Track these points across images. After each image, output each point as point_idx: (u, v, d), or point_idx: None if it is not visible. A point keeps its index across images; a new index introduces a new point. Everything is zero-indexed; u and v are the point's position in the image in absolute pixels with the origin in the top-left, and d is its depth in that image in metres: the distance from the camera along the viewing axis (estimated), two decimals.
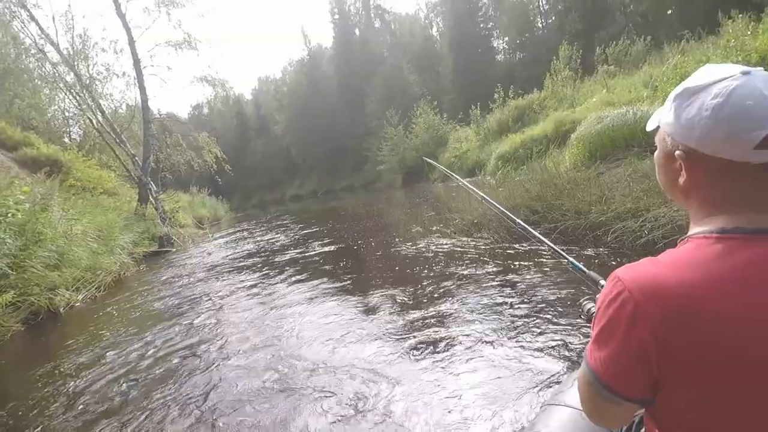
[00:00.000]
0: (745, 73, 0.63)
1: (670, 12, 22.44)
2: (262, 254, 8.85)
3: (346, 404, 2.43)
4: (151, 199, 16.55)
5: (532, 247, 4.53)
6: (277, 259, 7.90)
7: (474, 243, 5.57)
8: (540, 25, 36.50)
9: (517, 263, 4.40)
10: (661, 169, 0.77)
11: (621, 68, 15.81)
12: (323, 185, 45.48)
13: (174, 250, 11.81)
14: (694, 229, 0.70)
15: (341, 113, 46.36)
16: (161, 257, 10.62)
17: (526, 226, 1.66)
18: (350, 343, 3.28)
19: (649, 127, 0.79)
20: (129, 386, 3.25)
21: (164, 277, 7.87)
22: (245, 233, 14.78)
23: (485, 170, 16.17)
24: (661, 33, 18.44)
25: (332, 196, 35.67)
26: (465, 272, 4.50)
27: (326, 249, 7.95)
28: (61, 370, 3.78)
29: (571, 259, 1.33)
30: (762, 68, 0.66)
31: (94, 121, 17.06)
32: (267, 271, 6.99)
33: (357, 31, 48.31)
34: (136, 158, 16.98)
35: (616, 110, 8.71)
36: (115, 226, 8.32)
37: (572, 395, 1.10)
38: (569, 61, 19.12)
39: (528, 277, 4.00)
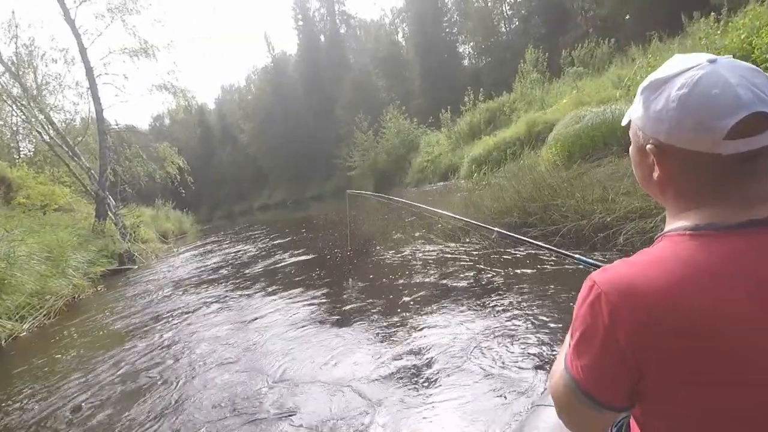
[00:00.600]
0: (711, 62, 0.61)
1: (627, 17, 23.08)
2: (230, 267, 8.29)
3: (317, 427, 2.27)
4: (110, 214, 15.60)
5: (530, 251, 4.25)
6: (245, 272, 7.40)
7: (464, 249, 5.24)
8: (504, 30, 37.02)
9: (511, 270, 4.11)
10: (636, 165, 0.75)
11: (588, 70, 16.01)
12: (292, 194, 44.62)
13: (136, 267, 11.03)
14: (669, 226, 0.69)
15: (309, 120, 45.71)
16: (122, 275, 9.86)
17: (507, 232, 1.71)
18: (323, 359, 3.10)
19: (623, 123, 0.77)
20: (75, 416, 2.98)
21: (123, 297, 7.21)
22: (212, 246, 14.06)
23: (458, 174, 16.03)
24: (621, 36, 18.86)
25: (302, 204, 34.96)
26: (454, 282, 4.18)
27: (298, 260, 7.49)
28: None
29: (578, 256, 1.30)
30: (730, 56, 0.64)
31: (44, 135, 15.99)
32: (234, 286, 6.53)
33: (322, 37, 47.90)
34: (92, 172, 15.98)
35: (593, 109, 8.63)
36: (66, 245, 7.57)
37: None
38: (536, 64, 19.29)
39: (523, 282, 3.77)
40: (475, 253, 5.04)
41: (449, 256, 5.16)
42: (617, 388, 0.63)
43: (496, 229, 1.78)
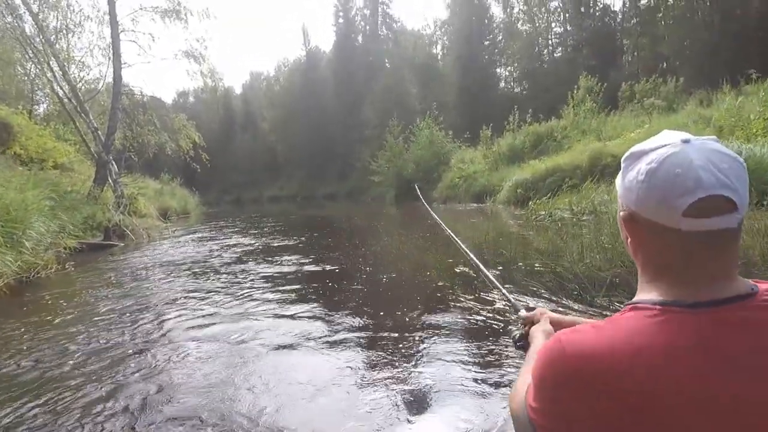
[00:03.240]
0: (685, 141, 0.64)
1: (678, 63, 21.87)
2: (227, 263, 6.78)
3: None
4: (110, 181, 14.23)
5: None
6: (241, 270, 5.94)
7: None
8: (545, 57, 35.72)
9: None
10: (620, 230, 0.77)
11: (664, 103, 14.41)
12: (304, 190, 43.29)
13: (122, 244, 9.54)
14: (639, 295, 0.71)
15: (334, 118, 44.59)
16: (103, 253, 8.37)
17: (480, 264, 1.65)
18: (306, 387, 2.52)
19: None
20: None
21: (89, 282, 5.70)
22: (214, 232, 12.58)
23: (496, 197, 14.49)
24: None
25: (313, 202, 33.50)
26: None
27: (305, 269, 5.94)
28: None
29: (504, 291, 1.36)
30: (714, 137, 0.66)
31: (56, 85, 14.69)
32: (226, 287, 5.06)
33: (360, 38, 46.91)
34: (99, 132, 14.61)
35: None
36: (32, 208, 6.05)
37: None
38: (589, 93, 17.76)
39: None
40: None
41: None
42: None
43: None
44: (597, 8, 32.03)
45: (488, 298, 3.96)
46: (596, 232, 5.08)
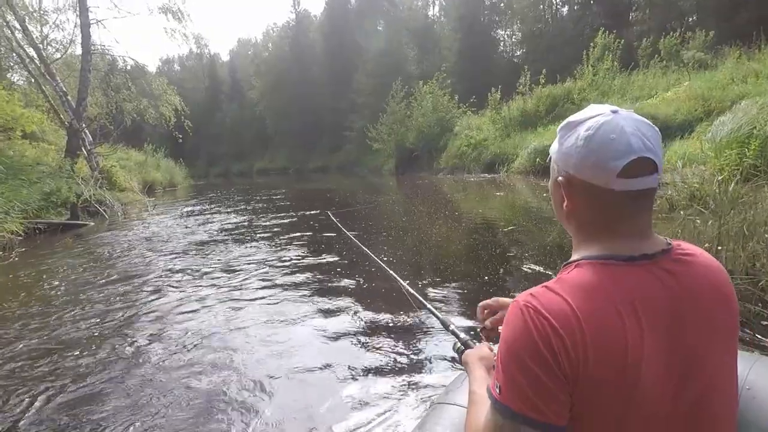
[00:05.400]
0: (614, 112, 0.70)
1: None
2: (216, 246, 5.58)
3: None
4: (84, 151, 12.79)
5: None
6: (234, 263, 4.73)
7: None
8: (548, 18, 33.75)
9: None
10: (551, 195, 0.81)
11: (708, 57, 12.95)
12: (295, 162, 41.56)
13: (91, 224, 8.23)
14: (578, 254, 0.73)
15: (325, 86, 42.40)
16: (65, 235, 7.07)
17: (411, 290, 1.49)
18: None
19: (548, 159, 0.81)
20: None
21: (32, 277, 4.48)
22: (202, 207, 11.30)
23: (511, 167, 13.25)
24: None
25: (305, 175, 31.99)
26: None
27: (303, 253, 4.75)
28: None
29: (429, 306, 1.34)
30: (631, 109, 0.73)
31: (13, 43, 12.99)
32: (211, 281, 4.02)
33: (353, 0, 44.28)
34: (68, 97, 13.05)
35: None
36: None
37: (462, 395, 1.08)
38: (608, 51, 16.26)
39: None
40: None
41: None
42: (555, 405, 0.63)
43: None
44: None
45: None
46: None
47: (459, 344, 1.10)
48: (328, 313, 3.24)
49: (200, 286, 4.06)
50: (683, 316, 0.66)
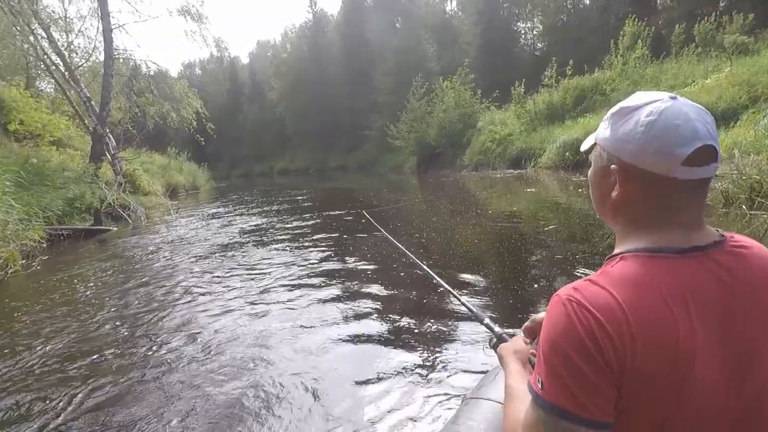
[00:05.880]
0: (672, 98, 0.67)
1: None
2: (240, 248, 5.38)
3: None
4: (108, 156, 12.85)
5: None
6: (257, 259, 4.67)
7: None
8: (571, 9, 32.79)
9: None
10: (594, 186, 0.77)
11: (751, 40, 12.23)
12: (315, 162, 41.59)
13: (114, 229, 8.18)
14: (624, 246, 0.70)
15: (343, 85, 42.25)
16: (89, 242, 7.00)
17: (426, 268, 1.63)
18: None
19: (584, 147, 0.79)
20: None
21: (52, 286, 4.35)
22: (227, 209, 11.19)
23: (539, 162, 12.78)
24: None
25: (326, 174, 31.90)
26: None
27: (330, 254, 4.49)
28: None
29: (463, 300, 1.33)
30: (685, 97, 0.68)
31: (38, 49, 13.14)
32: (238, 279, 4.00)
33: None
34: (92, 103, 13.13)
35: None
36: None
37: (495, 390, 1.09)
38: (638, 39, 15.57)
39: None
40: None
41: None
42: (601, 402, 0.60)
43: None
44: None
45: None
46: None
47: (494, 338, 1.08)
48: (356, 311, 3.17)
49: (226, 288, 3.93)
50: (738, 309, 0.63)
